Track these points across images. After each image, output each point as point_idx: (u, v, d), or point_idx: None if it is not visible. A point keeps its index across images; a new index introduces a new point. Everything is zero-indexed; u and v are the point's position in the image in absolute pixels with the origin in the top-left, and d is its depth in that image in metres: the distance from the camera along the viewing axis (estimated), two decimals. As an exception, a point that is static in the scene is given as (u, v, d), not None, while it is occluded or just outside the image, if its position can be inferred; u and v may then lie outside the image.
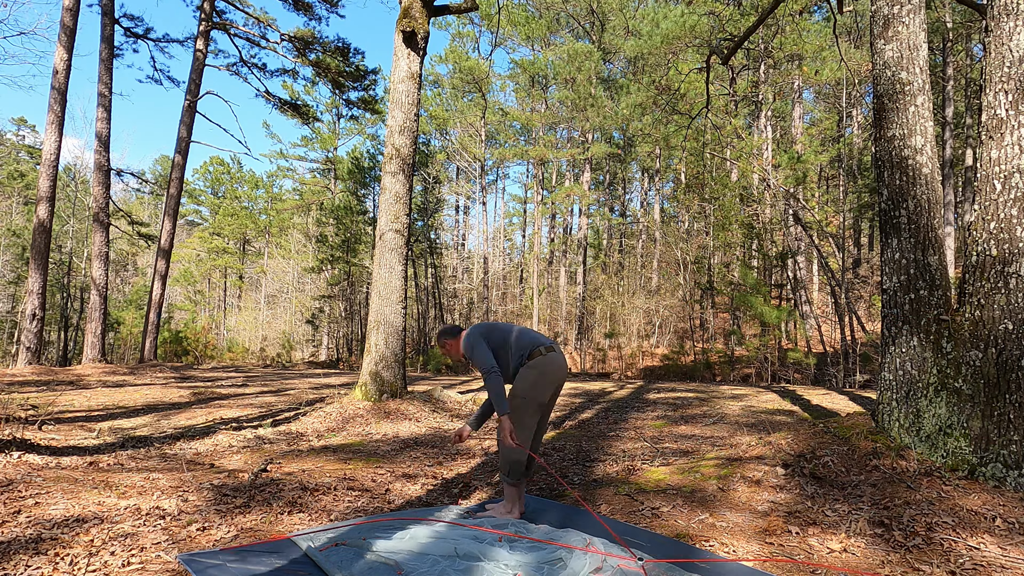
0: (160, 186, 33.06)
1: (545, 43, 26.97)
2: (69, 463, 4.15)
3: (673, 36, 17.73)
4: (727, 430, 5.91)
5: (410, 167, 7.29)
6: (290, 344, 29.20)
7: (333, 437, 5.62)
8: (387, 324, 6.97)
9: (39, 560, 2.50)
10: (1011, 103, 3.41)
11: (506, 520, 3.11)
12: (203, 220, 45.14)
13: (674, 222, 26.97)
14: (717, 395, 8.86)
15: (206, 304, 39.21)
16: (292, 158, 34.28)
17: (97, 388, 8.49)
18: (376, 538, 2.73)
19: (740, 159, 16.53)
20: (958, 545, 2.73)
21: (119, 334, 27.38)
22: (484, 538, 2.75)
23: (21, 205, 30.98)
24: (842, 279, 14.76)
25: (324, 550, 2.64)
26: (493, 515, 3.23)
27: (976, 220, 3.53)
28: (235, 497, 3.53)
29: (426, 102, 26.70)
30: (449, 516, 3.21)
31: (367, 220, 27.83)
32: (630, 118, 22.47)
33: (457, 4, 7.95)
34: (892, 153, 3.95)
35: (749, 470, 3.91)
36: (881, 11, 4.11)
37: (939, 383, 3.56)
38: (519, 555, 2.55)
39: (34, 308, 10.87)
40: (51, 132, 11.08)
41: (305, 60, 16.65)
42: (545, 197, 27.86)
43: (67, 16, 11.28)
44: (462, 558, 2.52)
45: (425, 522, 3.02)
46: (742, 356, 16.44)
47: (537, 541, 2.76)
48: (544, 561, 2.50)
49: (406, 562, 2.48)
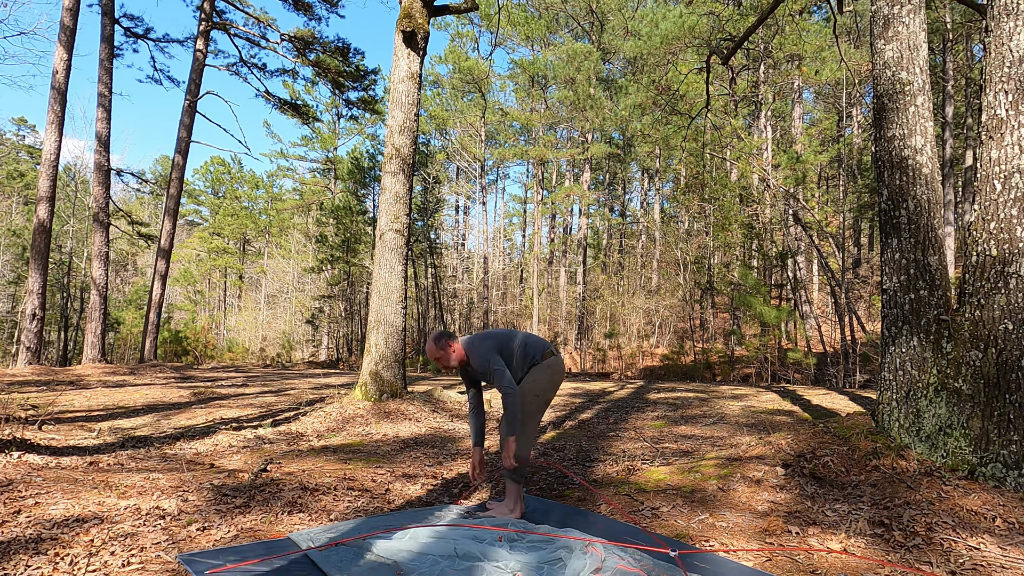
0: (160, 186, 33.06)
1: (545, 43, 26.97)
2: (69, 463, 4.15)
3: (672, 36, 17.73)
4: (727, 430, 5.91)
5: (410, 167, 7.29)
6: (290, 344, 29.20)
7: (333, 437, 5.62)
8: (387, 324, 6.97)
9: (39, 560, 2.50)
10: (1011, 103, 3.41)
11: (506, 519, 3.12)
12: (203, 220, 45.15)
13: (674, 222, 26.98)
14: (717, 395, 8.86)
15: (206, 304, 39.20)
16: (292, 158, 34.30)
17: (97, 388, 8.49)
18: (376, 538, 2.73)
19: (740, 159, 16.53)
20: (958, 545, 2.73)
21: (119, 334, 27.38)
22: (484, 538, 2.75)
23: (21, 205, 30.99)
24: (842, 279, 14.76)
25: (324, 549, 2.64)
26: (494, 514, 3.23)
27: (976, 220, 3.53)
28: (235, 497, 3.53)
29: (426, 102, 26.71)
30: (449, 516, 3.21)
31: (367, 220, 27.84)
32: (630, 118, 22.48)
33: (457, 4, 7.95)
34: (892, 153, 3.95)
35: (749, 470, 3.91)
36: (881, 11, 4.11)
37: (939, 383, 3.56)
38: (519, 555, 2.56)
39: (34, 308, 10.87)
40: (51, 132, 11.08)
41: (305, 60, 16.66)
42: (545, 197, 27.86)
43: (67, 16, 11.28)
44: (462, 558, 2.52)
45: (425, 523, 3.02)
46: (742, 356, 16.44)
47: (544, 535, 2.76)
48: (544, 561, 2.50)
49: (405, 562, 2.48)
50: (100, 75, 12.65)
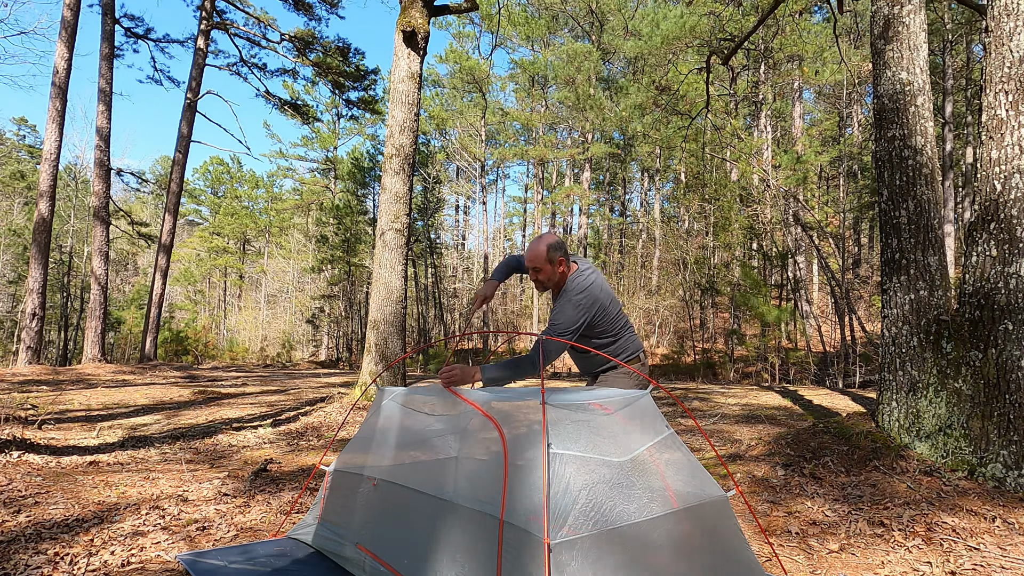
0: (160, 186, 33.10)
1: (545, 43, 26.98)
2: (69, 463, 4.15)
3: (673, 36, 17.72)
4: (727, 429, 5.91)
5: (410, 167, 7.29)
6: (290, 344, 29.21)
7: (333, 436, 5.62)
8: (387, 323, 6.97)
9: (39, 560, 2.50)
10: (1011, 103, 3.40)
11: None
12: (203, 220, 45.12)
13: (674, 222, 26.97)
14: (717, 394, 8.86)
15: (206, 304, 39.21)
16: (292, 158, 34.28)
17: (99, 388, 8.49)
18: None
19: (740, 159, 16.53)
20: (958, 545, 2.73)
21: (119, 333, 27.39)
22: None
23: (22, 205, 30.99)
24: (842, 279, 14.76)
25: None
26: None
27: (976, 220, 3.52)
28: (235, 497, 3.53)
29: (426, 102, 26.71)
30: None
31: (367, 220, 27.84)
32: (630, 118, 22.47)
33: (457, 4, 7.95)
34: (892, 153, 3.95)
35: (749, 469, 3.91)
36: (881, 11, 4.11)
37: (939, 383, 3.56)
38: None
39: (34, 307, 10.87)
40: (52, 127, 11.07)
41: (305, 60, 16.65)
42: (545, 197, 27.86)
43: (68, 11, 11.29)
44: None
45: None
46: (742, 356, 16.44)
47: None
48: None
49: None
50: (101, 70, 12.64)
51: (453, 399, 2.36)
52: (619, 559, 1.85)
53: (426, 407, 2.55)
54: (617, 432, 2.15)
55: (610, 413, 2.21)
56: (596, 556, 1.81)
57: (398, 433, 2.60)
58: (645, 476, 2.09)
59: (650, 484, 2.07)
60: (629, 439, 2.14)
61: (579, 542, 1.78)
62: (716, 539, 2.16)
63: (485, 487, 2.04)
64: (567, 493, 1.86)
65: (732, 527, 2.16)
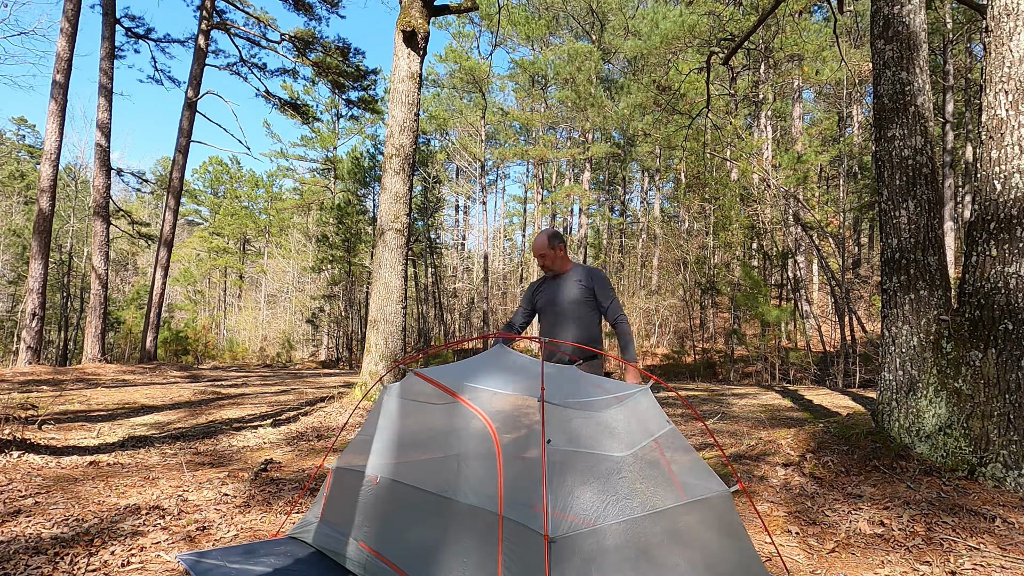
0: (160, 186, 33.07)
1: (545, 43, 26.96)
2: (70, 463, 4.15)
3: (673, 36, 17.72)
4: (727, 429, 5.91)
5: (410, 166, 7.29)
6: (290, 343, 29.20)
7: (333, 437, 5.62)
8: (387, 323, 6.97)
9: (39, 560, 2.50)
10: (1011, 103, 3.40)
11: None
12: (203, 220, 45.10)
13: (674, 222, 26.97)
14: (717, 394, 8.86)
15: (206, 304, 39.20)
16: (292, 158, 34.26)
17: (100, 387, 8.49)
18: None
19: (740, 159, 16.53)
20: (958, 545, 2.73)
21: (119, 333, 27.38)
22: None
23: (22, 205, 30.99)
24: (842, 279, 14.75)
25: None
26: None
27: (976, 220, 3.52)
28: (235, 497, 3.54)
29: (426, 102, 26.70)
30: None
31: (367, 220, 27.82)
32: (630, 118, 22.47)
33: (457, 4, 7.95)
34: (892, 153, 3.95)
35: (749, 469, 3.91)
36: (881, 11, 4.11)
37: (939, 383, 3.56)
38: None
39: (35, 307, 10.87)
40: (52, 124, 11.04)
41: (305, 60, 16.65)
42: (545, 197, 27.85)
43: (68, 7, 11.29)
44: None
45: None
46: (742, 356, 16.43)
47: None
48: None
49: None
50: (102, 65, 12.64)
51: (452, 399, 2.36)
52: (620, 554, 1.85)
53: (425, 399, 2.57)
54: (618, 427, 2.16)
55: (610, 407, 2.23)
56: (596, 550, 1.81)
57: (400, 431, 2.61)
58: (646, 471, 2.09)
59: (652, 479, 2.08)
60: (630, 434, 2.15)
61: (579, 537, 1.79)
62: (718, 535, 2.16)
63: (484, 483, 2.04)
64: (567, 488, 1.86)
65: (735, 523, 2.16)
